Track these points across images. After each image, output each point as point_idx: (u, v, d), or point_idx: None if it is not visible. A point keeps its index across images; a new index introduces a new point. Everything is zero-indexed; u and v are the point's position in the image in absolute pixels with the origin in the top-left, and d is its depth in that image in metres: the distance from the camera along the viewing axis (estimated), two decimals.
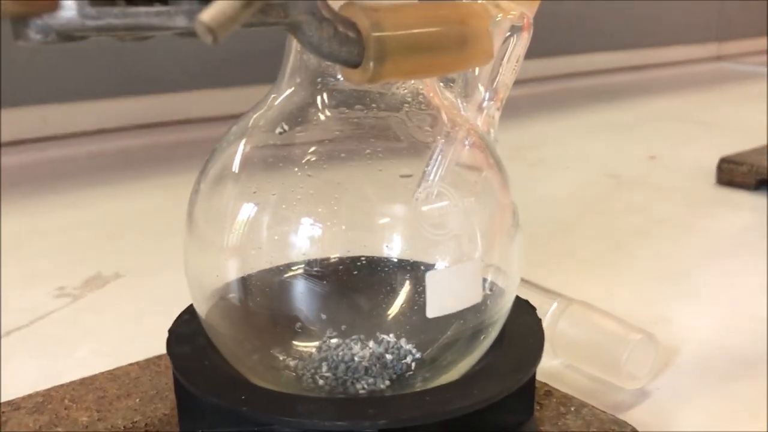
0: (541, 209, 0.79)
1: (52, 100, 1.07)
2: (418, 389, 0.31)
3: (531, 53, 0.32)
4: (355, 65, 0.25)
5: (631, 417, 0.41)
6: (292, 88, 0.29)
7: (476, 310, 0.30)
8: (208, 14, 0.18)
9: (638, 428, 0.35)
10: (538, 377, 0.35)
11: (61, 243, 0.68)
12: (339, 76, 0.28)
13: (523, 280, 0.50)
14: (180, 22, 0.20)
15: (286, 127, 0.29)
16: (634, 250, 0.67)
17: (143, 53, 1.12)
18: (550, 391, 0.37)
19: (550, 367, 0.46)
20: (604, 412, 0.36)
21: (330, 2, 0.24)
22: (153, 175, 0.92)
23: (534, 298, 0.47)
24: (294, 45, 0.29)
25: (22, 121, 1.04)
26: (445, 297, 0.27)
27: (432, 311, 0.28)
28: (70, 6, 0.20)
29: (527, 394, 0.33)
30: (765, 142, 0.93)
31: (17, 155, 1.00)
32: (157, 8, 0.20)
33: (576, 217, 0.77)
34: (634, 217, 0.77)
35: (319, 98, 0.29)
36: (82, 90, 1.09)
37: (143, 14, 0.20)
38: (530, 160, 1.00)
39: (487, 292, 0.30)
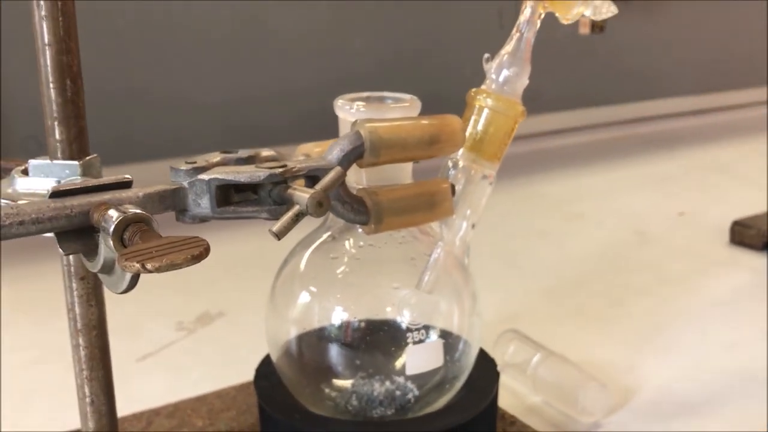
0: (562, 265, 0.94)
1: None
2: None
3: (612, 99, 0.47)
4: (365, 224, 0.42)
5: None
6: (330, 231, 0.47)
7: (447, 366, 0.47)
8: (275, 227, 0.36)
9: None
10: (520, 409, 0.51)
11: (176, 284, 0.88)
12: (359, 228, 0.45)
13: (517, 333, 0.66)
14: (264, 215, 0.38)
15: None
16: (631, 307, 0.81)
17: None
18: (513, 422, 0.53)
19: (532, 403, 0.62)
20: None
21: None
22: (250, 223, 1.12)
23: (523, 349, 0.63)
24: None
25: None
26: (417, 363, 0.44)
27: (410, 371, 0.45)
28: (206, 206, 0.39)
29: (490, 420, 0.50)
30: None
31: None
32: (251, 209, 0.38)
33: (591, 273, 0.91)
34: (642, 275, 0.90)
35: (348, 238, 0.47)
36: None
37: (244, 212, 0.39)
38: (568, 215, 1.14)
39: (455, 355, 0.47)
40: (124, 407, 0.54)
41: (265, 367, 0.51)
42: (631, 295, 0.84)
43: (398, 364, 0.49)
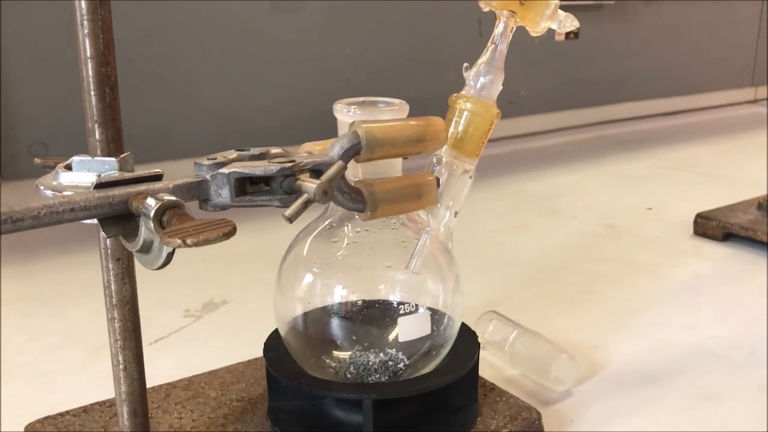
0: (540, 255, 1.01)
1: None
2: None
3: (587, 102, 0.54)
4: (362, 212, 0.49)
5: (554, 407, 0.63)
6: (331, 218, 0.54)
7: (433, 336, 0.53)
8: (288, 211, 0.42)
9: (555, 413, 0.57)
10: (499, 381, 0.58)
11: (182, 275, 0.94)
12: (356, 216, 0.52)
13: (497, 314, 0.73)
14: (276, 203, 0.45)
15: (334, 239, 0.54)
16: (601, 293, 0.88)
17: None
18: (493, 388, 0.60)
19: (510, 375, 0.69)
20: (524, 402, 0.58)
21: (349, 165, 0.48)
22: (250, 219, 1.18)
23: (502, 328, 0.70)
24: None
25: None
26: (408, 331, 0.51)
27: (402, 338, 0.52)
28: (226, 196, 0.45)
29: (471, 385, 0.56)
30: (761, 193, 1.10)
31: None
32: (265, 198, 0.45)
33: (566, 263, 0.98)
34: (612, 264, 0.98)
35: (346, 224, 0.53)
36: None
37: (258, 201, 0.45)
38: (545, 211, 1.22)
39: (440, 327, 0.54)
40: None
41: (273, 341, 0.58)
42: (601, 282, 0.92)
43: (391, 337, 0.56)
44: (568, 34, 1.79)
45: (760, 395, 0.66)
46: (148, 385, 0.63)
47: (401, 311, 0.52)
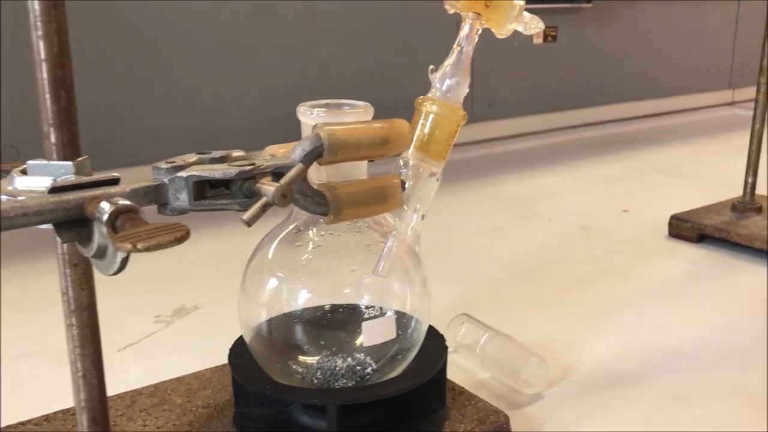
0: (515, 257, 1.01)
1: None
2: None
3: (566, 105, 0.53)
4: (325, 215, 0.48)
5: (525, 410, 0.63)
6: (296, 222, 0.53)
7: (400, 340, 0.53)
8: (246, 214, 0.42)
9: (525, 416, 0.56)
10: (469, 384, 0.58)
11: (153, 281, 0.93)
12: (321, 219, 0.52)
13: (469, 317, 0.73)
14: (236, 207, 0.44)
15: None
16: (575, 295, 0.88)
17: None
18: (462, 392, 0.60)
19: (481, 378, 0.68)
20: (492, 405, 0.58)
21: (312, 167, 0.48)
22: (222, 225, 1.17)
23: (473, 331, 0.70)
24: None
25: None
26: (373, 335, 0.51)
27: (366, 343, 0.51)
28: (184, 200, 0.44)
29: (439, 389, 0.56)
30: (736, 194, 1.11)
31: None
32: (224, 202, 0.44)
33: (541, 265, 0.98)
34: (587, 266, 0.98)
35: (311, 228, 0.53)
36: None
37: (218, 204, 0.44)
38: (522, 213, 1.22)
39: (407, 331, 0.53)
40: (108, 391, 0.59)
41: (239, 347, 0.57)
42: (575, 284, 0.91)
43: (358, 341, 0.55)
44: (546, 37, 1.80)
45: (731, 396, 0.66)
46: (115, 391, 0.62)
47: (366, 315, 0.52)
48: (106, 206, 0.39)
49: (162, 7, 1.30)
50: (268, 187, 0.42)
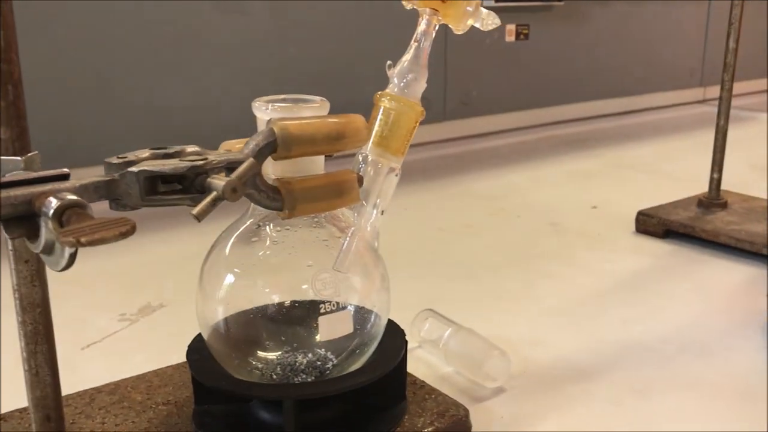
0: (483, 253, 1.02)
1: None
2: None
3: (538, 102, 0.54)
4: (280, 210, 0.48)
5: (485, 404, 0.63)
6: (253, 218, 0.53)
7: (359, 334, 0.53)
8: (195, 209, 0.41)
9: (486, 410, 0.57)
10: (432, 379, 0.58)
11: (118, 280, 0.93)
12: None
13: (434, 312, 0.73)
14: (188, 202, 0.44)
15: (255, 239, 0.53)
16: (541, 290, 0.89)
17: None
18: (423, 386, 0.60)
19: (444, 373, 0.69)
20: (452, 399, 0.58)
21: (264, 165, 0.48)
22: (189, 224, 1.16)
23: (437, 326, 0.70)
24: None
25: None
26: (330, 330, 0.51)
27: (323, 338, 0.51)
28: (136, 196, 0.44)
29: (399, 383, 0.56)
30: (703, 191, 1.12)
31: None
32: (176, 197, 0.44)
33: (508, 260, 0.99)
34: (553, 261, 0.99)
35: (268, 224, 0.53)
36: None
37: (169, 200, 0.44)
38: (491, 209, 1.22)
39: (366, 325, 0.54)
40: (70, 390, 0.59)
41: (198, 343, 0.57)
42: (541, 279, 0.92)
43: (317, 337, 0.55)
44: (518, 35, 1.80)
45: (691, 389, 0.67)
46: (76, 390, 0.62)
47: (322, 310, 0.52)
48: (53, 201, 0.39)
49: (125, 3, 1.29)
50: (219, 182, 0.42)
